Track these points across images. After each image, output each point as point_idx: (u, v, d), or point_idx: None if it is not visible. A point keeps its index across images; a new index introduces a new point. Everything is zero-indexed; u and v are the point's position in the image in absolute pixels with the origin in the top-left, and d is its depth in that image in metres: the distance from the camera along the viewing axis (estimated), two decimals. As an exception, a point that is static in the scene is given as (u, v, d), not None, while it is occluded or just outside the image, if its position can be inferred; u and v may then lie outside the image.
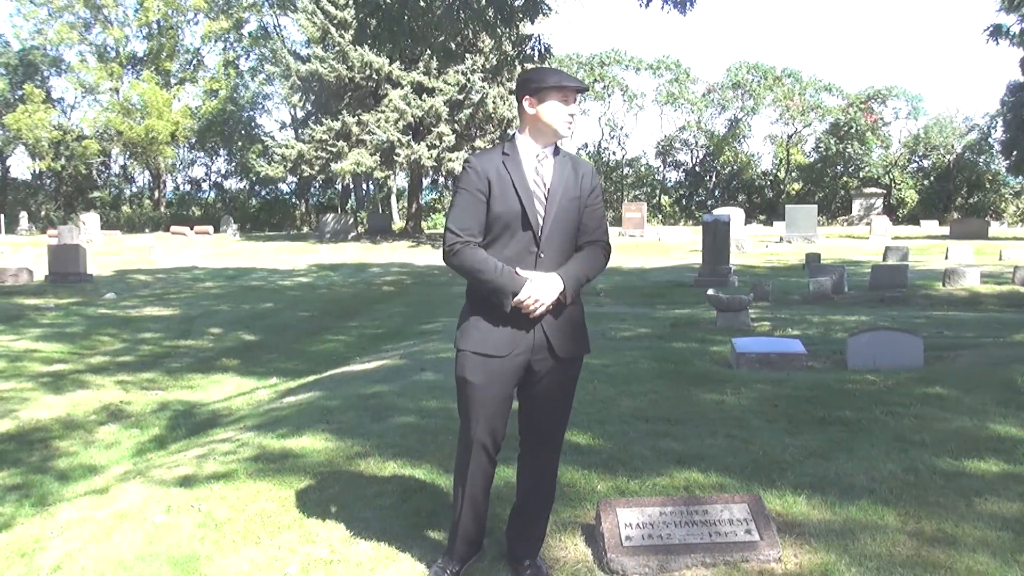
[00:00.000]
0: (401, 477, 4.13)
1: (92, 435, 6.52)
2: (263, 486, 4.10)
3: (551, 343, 2.92)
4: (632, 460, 4.26)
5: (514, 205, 2.87)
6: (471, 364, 2.90)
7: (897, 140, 43.72)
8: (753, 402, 5.44)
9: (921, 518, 3.49)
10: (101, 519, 3.93)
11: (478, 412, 2.91)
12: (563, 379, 3.00)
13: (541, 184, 2.91)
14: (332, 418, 5.40)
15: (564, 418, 3.09)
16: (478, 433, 2.92)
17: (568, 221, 2.93)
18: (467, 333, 2.93)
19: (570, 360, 2.99)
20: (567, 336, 2.96)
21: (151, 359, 9.42)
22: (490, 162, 2.92)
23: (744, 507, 3.28)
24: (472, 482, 2.99)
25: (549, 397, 3.00)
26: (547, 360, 2.93)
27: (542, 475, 3.12)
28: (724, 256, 16.36)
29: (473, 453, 2.96)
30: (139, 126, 40.91)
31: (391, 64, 29.43)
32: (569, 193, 2.93)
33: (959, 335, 8.74)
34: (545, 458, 3.11)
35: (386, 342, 10.33)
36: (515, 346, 2.89)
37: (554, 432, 3.08)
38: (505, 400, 2.94)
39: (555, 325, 2.92)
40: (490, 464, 3.01)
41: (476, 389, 2.90)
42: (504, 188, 2.88)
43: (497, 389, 2.90)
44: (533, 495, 3.12)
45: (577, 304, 3.01)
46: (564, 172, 2.95)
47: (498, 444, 2.99)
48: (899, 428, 4.76)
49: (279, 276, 20.14)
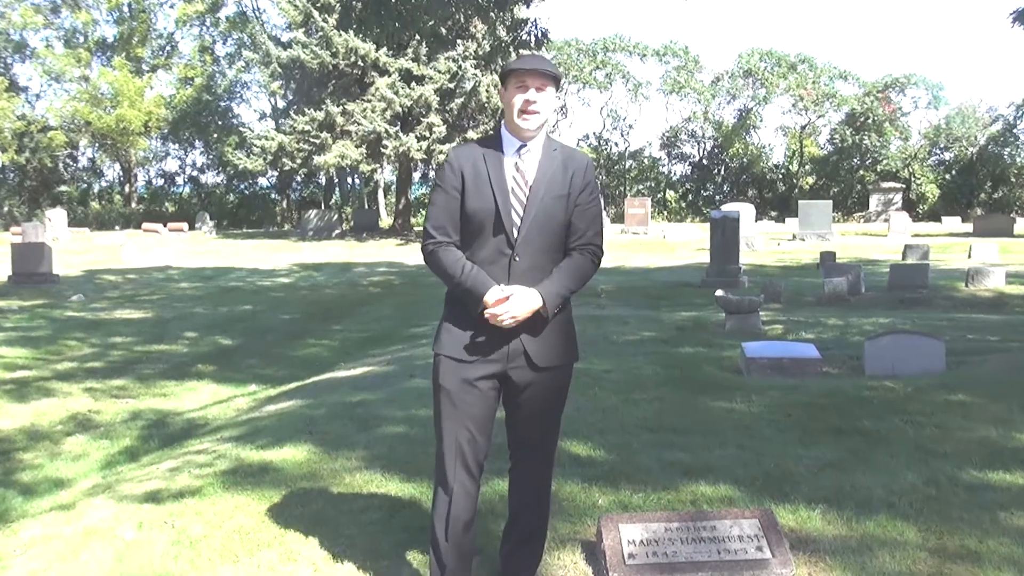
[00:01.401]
0: (389, 491, 4.13)
1: (58, 446, 6.50)
2: (241, 501, 4.09)
3: (527, 351, 2.87)
4: (636, 472, 4.26)
5: (488, 202, 2.83)
6: (444, 368, 2.89)
7: (917, 131, 43.77)
8: (764, 410, 5.45)
9: (943, 534, 3.50)
10: (68, 536, 3.92)
11: (454, 420, 2.87)
12: (547, 389, 2.95)
13: (521, 180, 2.86)
14: (315, 428, 5.40)
15: (553, 430, 3.06)
16: (454, 444, 2.87)
17: (551, 222, 2.87)
18: (441, 336, 2.93)
19: (553, 369, 2.94)
20: (548, 344, 2.90)
21: (122, 365, 9.40)
22: (467, 155, 2.89)
23: (755, 523, 3.28)
24: (455, 502, 2.88)
25: (533, 408, 2.96)
26: (525, 370, 2.89)
27: (535, 490, 3.09)
28: (733, 255, 16.37)
29: (448, 468, 2.88)
30: (109, 116, 40.77)
31: (378, 50, 29.41)
32: (554, 191, 2.87)
33: (983, 339, 8.76)
34: (536, 472, 3.08)
35: (373, 346, 10.32)
36: (487, 352, 2.85)
37: (544, 445, 3.05)
38: (483, 409, 2.89)
39: (531, 333, 2.87)
40: (471, 481, 2.91)
41: (450, 395, 2.87)
42: (479, 183, 2.84)
43: (472, 397, 2.87)
44: (525, 512, 3.10)
45: (562, 313, 2.94)
46: (550, 167, 2.90)
47: (479, 460, 2.92)
48: (920, 438, 4.77)
49: (259, 276, 20.11)
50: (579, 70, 44.31)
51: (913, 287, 13.85)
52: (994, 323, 10.33)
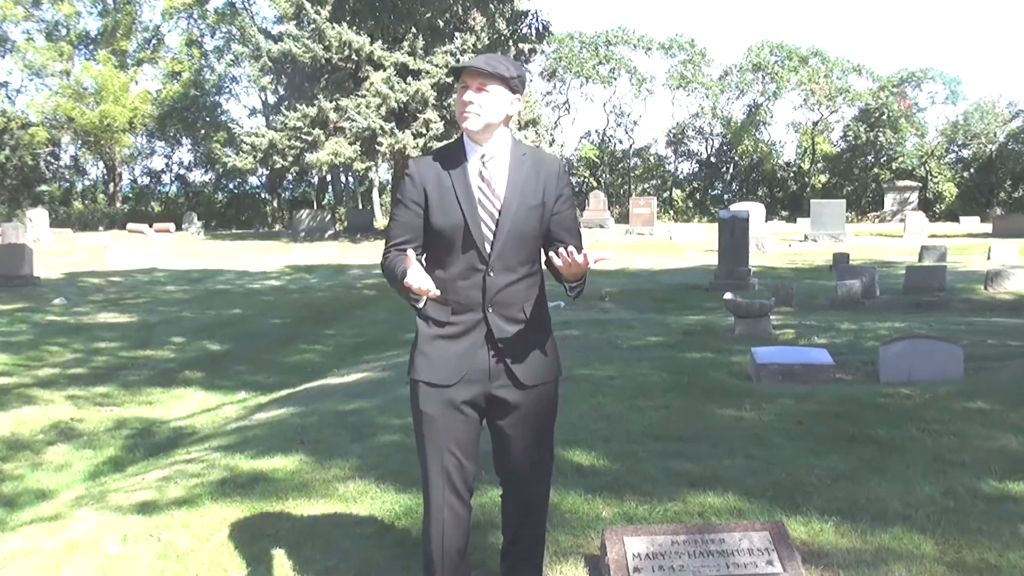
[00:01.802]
0: (383, 503, 4.13)
1: (40, 456, 6.51)
2: (230, 513, 4.10)
3: (511, 370, 2.84)
4: (641, 483, 4.26)
5: (455, 217, 2.77)
6: (424, 394, 2.84)
7: (934, 128, 43.78)
8: (775, 418, 5.45)
9: (961, 547, 3.50)
10: (50, 549, 3.92)
11: (438, 447, 2.83)
12: (536, 407, 2.91)
13: (488, 191, 2.80)
14: (307, 437, 5.40)
15: (545, 450, 3.01)
16: (441, 471, 2.83)
17: (526, 234, 2.82)
18: (416, 361, 2.88)
19: (538, 387, 2.90)
20: (531, 361, 2.87)
21: (106, 371, 9.40)
22: (429, 168, 2.83)
23: (765, 535, 3.28)
24: (447, 531, 2.85)
25: (524, 429, 2.91)
26: (511, 389, 2.85)
27: (532, 516, 3.03)
28: (743, 256, 16.38)
29: (435, 496, 2.85)
30: (92, 112, 40.79)
31: (373, 43, 29.43)
32: (528, 201, 2.82)
33: (1003, 343, 8.76)
34: (528, 496, 3.01)
35: (367, 352, 10.32)
36: (464, 371, 2.81)
37: (536, 466, 2.99)
38: (468, 433, 2.86)
39: (512, 346, 2.83)
40: (462, 506, 2.88)
41: (433, 421, 2.83)
42: (444, 197, 2.79)
43: (456, 421, 2.83)
44: (524, 536, 3.05)
45: (540, 319, 2.91)
46: (520, 175, 2.83)
47: (468, 485, 2.89)
48: (937, 447, 4.77)
49: (248, 279, 20.12)
50: (581, 64, 44.31)
51: (930, 290, 13.85)
52: (1014, 327, 10.33)
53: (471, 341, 2.82)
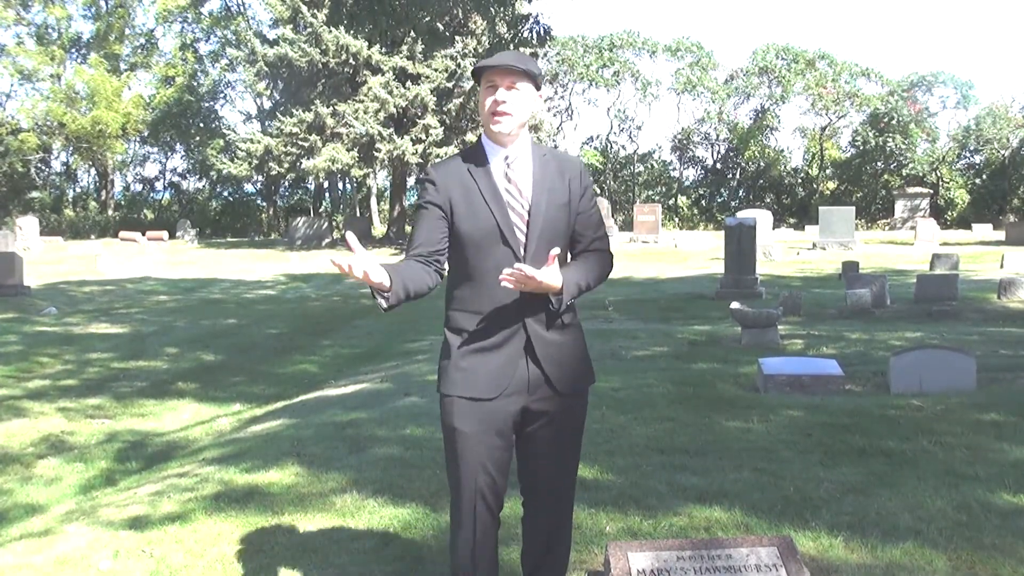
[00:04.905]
0: (381, 517, 4.12)
1: (30, 470, 6.51)
2: (224, 528, 4.09)
3: (548, 377, 2.78)
4: (646, 497, 4.26)
5: (487, 222, 2.73)
6: (459, 411, 2.77)
7: (945, 133, 43.85)
8: (783, 431, 5.45)
9: (974, 563, 3.50)
10: (39, 565, 3.91)
11: (473, 465, 2.77)
12: (569, 418, 2.87)
13: (516, 192, 2.77)
14: (303, 450, 5.40)
15: (573, 465, 2.97)
16: (474, 490, 2.77)
17: (557, 233, 2.80)
18: (449, 374, 2.79)
19: (574, 396, 2.87)
20: (567, 366, 2.83)
21: (97, 383, 9.41)
22: (451, 173, 2.79)
23: (773, 550, 3.27)
24: (479, 546, 2.81)
25: (554, 442, 2.86)
26: (548, 399, 2.80)
27: (554, 536, 2.98)
28: (750, 265, 16.41)
29: (466, 515, 2.80)
30: (84, 117, 40.92)
31: (370, 48, 29.54)
32: (556, 200, 2.81)
33: (1017, 354, 8.76)
34: (555, 515, 2.96)
35: (365, 363, 10.33)
36: (506, 384, 2.76)
37: (564, 482, 2.94)
38: (505, 450, 2.81)
39: (551, 355, 2.79)
40: (492, 521, 2.85)
41: (469, 439, 2.76)
42: (471, 201, 2.74)
43: (493, 438, 2.77)
44: (547, 560, 2.98)
45: (575, 326, 2.89)
46: (546, 175, 2.82)
47: (501, 501, 2.85)
48: (949, 460, 4.77)
49: (243, 288, 20.14)
50: (585, 68, 44.38)
51: (941, 299, 13.85)
52: (1028, 337, 10.33)
53: (510, 351, 2.76)
